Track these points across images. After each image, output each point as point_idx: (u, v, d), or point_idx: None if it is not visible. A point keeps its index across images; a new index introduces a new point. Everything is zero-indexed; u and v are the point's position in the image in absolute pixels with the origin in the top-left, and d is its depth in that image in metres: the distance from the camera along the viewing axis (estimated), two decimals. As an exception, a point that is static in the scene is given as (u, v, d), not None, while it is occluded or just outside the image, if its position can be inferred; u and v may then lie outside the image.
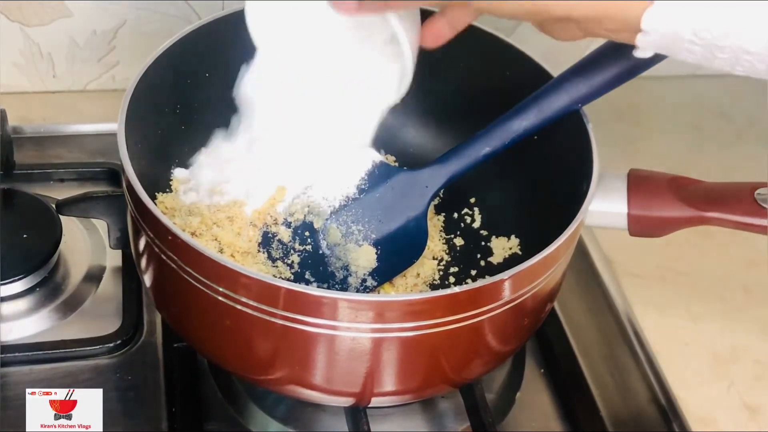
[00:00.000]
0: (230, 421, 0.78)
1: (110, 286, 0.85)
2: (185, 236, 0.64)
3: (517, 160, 0.80)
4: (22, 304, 0.81)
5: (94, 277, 0.85)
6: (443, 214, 0.86)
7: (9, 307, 0.81)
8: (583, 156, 0.73)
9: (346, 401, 0.72)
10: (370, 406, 0.74)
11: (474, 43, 0.83)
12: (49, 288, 0.83)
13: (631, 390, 0.82)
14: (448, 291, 0.63)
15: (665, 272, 0.88)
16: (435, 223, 0.85)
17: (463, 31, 0.83)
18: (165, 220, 0.65)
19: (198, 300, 0.66)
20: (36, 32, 0.96)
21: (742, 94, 1.10)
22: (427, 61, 0.86)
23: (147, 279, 0.73)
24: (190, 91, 0.82)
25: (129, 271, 0.84)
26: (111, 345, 0.80)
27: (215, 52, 0.82)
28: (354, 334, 0.64)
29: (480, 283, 0.65)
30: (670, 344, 0.82)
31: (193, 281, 0.65)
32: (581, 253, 0.89)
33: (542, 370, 0.87)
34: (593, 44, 0.99)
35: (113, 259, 0.86)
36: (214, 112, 0.85)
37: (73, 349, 0.79)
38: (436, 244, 0.83)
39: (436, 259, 0.82)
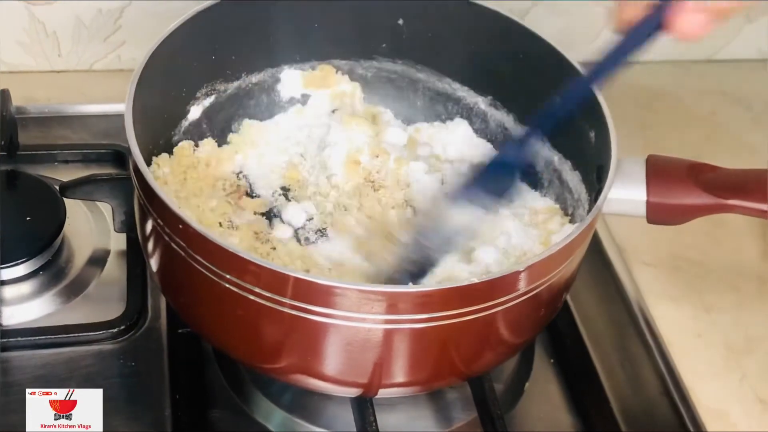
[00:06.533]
0: (234, 409, 0.78)
1: (114, 270, 0.84)
2: (194, 223, 0.63)
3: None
4: (24, 287, 0.81)
5: (98, 260, 0.84)
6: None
7: (11, 291, 0.80)
8: (601, 142, 0.72)
9: (354, 392, 0.72)
10: (377, 396, 0.73)
11: (487, 25, 0.82)
12: (53, 272, 0.82)
13: (642, 381, 0.82)
14: (462, 282, 0.63)
15: (678, 261, 0.87)
16: None
17: (477, 13, 0.82)
18: (173, 206, 0.64)
19: (205, 287, 0.65)
20: (41, 10, 0.95)
21: (759, 80, 1.10)
22: (439, 43, 0.85)
23: (153, 263, 0.72)
24: (197, 73, 0.82)
25: (133, 255, 0.84)
26: (115, 330, 0.79)
27: (223, 34, 0.81)
28: (364, 324, 0.63)
29: (495, 274, 0.64)
30: (682, 335, 0.81)
31: (200, 268, 0.64)
32: (593, 241, 0.88)
33: (552, 360, 0.86)
34: (605, 30, 0.99)
35: (118, 242, 0.85)
36: (221, 96, 0.84)
37: (76, 335, 0.78)
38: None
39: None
